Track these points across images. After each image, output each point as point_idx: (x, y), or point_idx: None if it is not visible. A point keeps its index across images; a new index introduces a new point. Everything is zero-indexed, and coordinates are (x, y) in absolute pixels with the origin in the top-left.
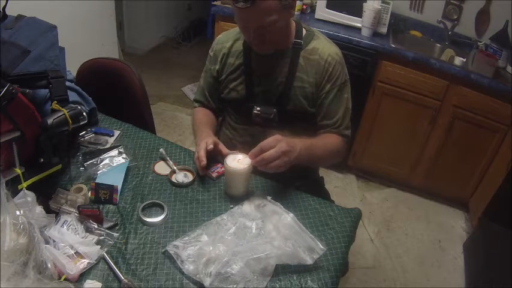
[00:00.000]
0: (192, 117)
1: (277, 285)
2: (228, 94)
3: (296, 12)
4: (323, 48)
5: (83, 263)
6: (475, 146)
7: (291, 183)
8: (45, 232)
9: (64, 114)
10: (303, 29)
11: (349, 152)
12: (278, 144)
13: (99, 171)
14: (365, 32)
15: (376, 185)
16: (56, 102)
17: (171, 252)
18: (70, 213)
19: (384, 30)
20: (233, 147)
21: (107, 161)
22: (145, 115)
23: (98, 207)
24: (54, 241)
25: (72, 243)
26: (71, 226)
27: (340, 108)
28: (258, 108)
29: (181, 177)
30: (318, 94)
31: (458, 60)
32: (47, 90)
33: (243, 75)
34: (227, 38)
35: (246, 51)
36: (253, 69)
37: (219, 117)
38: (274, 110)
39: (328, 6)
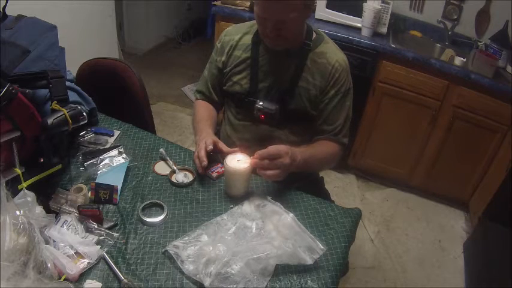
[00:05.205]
0: (193, 110)
1: (277, 285)
2: (231, 87)
3: None
4: (331, 53)
5: (83, 263)
6: (475, 146)
7: (291, 183)
8: (45, 232)
9: (64, 114)
10: (313, 32)
11: (349, 152)
12: (284, 156)
13: (99, 171)
14: (365, 32)
15: (376, 185)
16: (56, 102)
17: (171, 252)
18: (70, 213)
19: (384, 30)
20: (232, 144)
21: (107, 161)
22: (145, 115)
23: (98, 207)
24: (54, 241)
25: (72, 243)
26: (71, 226)
27: (341, 115)
28: (261, 103)
29: (181, 177)
30: (321, 98)
31: (458, 60)
32: (47, 90)
33: (248, 69)
34: (236, 31)
35: (255, 45)
36: (260, 65)
37: (221, 112)
38: (277, 106)
39: (328, 6)
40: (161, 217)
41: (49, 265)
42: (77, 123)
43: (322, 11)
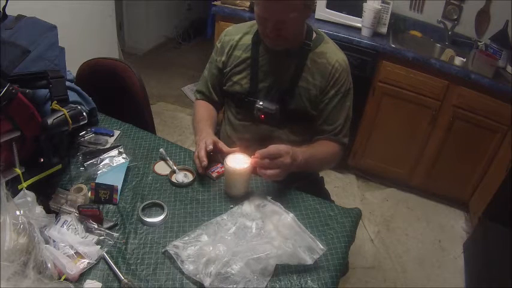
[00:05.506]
0: (193, 111)
1: (277, 285)
2: (231, 87)
3: None
4: (331, 53)
5: (83, 263)
6: (475, 146)
7: (291, 183)
8: (45, 232)
9: (64, 114)
10: (313, 32)
11: (349, 152)
12: (284, 156)
13: (99, 171)
14: (365, 32)
15: (376, 185)
16: (56, 102)
17: (171, 252)
18: (70, 213)
19: (384, 30)
20: (232, 144)
21: (107, 161)
22: (146, 115)
23: (98, 207)
24: (54, 241)
25: (72, 243)
26: (71, 226)
27: (341, 115)
28: (261, 103)
29: (181, 177)
30: (321, 98)
31: (458, 60)
32: (47, 90)
33: (248, 69)
34: (237, 31)
35: (255, 45)
36: (260, 65)
37: (221, 111)
38: (277, 106)
39: (328, 6)
40: (161, 217)
41: (49, 265)
42: (77, 123)
43: (322, 11)
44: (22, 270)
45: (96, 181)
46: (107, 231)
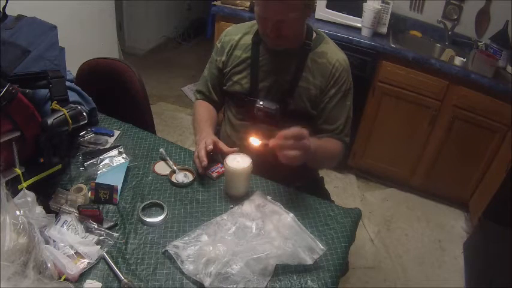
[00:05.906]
0: (193, 111)
1: (277, 285)
2: (231, 87)
3: None
4: (331, 53)
5: (83, 263)
6: (475, 146)
7: (291, 183)
8: (45, 232)
9: (64, 114)
10: (314, 32)
11: (349, 152)
12: (306, 138)
13: (99, 171)
14: (365, 32)
15: (376, 185)
16: (56, 102)
17: (171, 252)
18: (70, 213)
19: (384, 30)
20: (232, 144)
21: (107, 161)
22: (146, 115)
23: (98, 207)
24: (54, 241)
25: (72, 243)
26: (71, 226)
27: (342, 115)
28: (261, 102)
29: (181, 177)
30: (321, 98)
31: (458, 60)
32: (47, 90)
33: (248, 69)
34: (237, 31)
35: (255, 45)
36: (260, 65)
37: (221, 111)
38: (277, 106)
39: (328, 6)
40: (161, 217)
41: (49, 265)
42: (77, 123)
43: (322, 11)
44: (22, 270)
45: (96, 181)
46: (107, 231)
